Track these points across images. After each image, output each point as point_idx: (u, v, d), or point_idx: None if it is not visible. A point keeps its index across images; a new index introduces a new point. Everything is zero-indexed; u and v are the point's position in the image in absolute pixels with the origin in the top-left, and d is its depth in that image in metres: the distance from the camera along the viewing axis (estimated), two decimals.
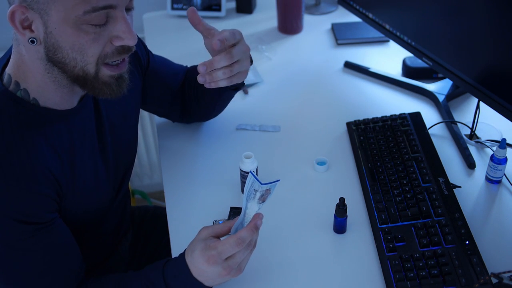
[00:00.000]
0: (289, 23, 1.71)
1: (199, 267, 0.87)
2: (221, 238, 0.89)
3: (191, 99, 1.24)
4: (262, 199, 0.86)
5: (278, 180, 0.85)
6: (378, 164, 1.16)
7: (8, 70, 0.89)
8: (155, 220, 1.40)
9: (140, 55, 1.14)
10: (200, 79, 1.01)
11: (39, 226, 0.87)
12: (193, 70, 1.25)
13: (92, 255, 1.08)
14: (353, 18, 1.64)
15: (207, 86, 1.02)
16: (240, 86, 1.17)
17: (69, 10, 0.79)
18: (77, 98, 0.95)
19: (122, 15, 0.84)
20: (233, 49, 1.00)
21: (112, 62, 0.88)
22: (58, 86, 0.89)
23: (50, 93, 0.90)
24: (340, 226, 1.05)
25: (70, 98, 0.93)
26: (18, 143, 0.85)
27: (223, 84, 1.02)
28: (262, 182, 0.84)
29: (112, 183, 1.07)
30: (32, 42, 0.83)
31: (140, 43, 1.16)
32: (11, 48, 0.95)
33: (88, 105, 0.98)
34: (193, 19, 1.02)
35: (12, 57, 0.89)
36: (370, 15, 1.48)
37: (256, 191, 0.85)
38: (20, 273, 0.89)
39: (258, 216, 0.87)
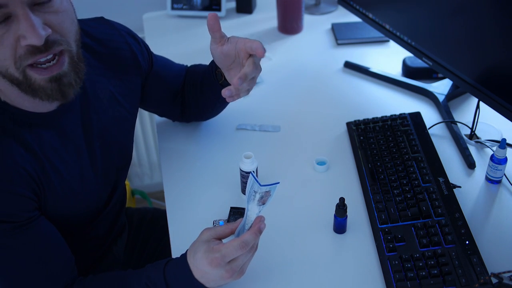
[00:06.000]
0: (289, 23, 1.71)
1: (201, 269, 0.87)
2: (223, 240, 0.89)
3: (191, 99, 1.24)
4: (262, 201, 0.86)
5: (278, 183, 0.85)
6: (378, 164, 1.16)
7: None
8: (154, 222, 1.39)
9: (140, 58, 1.13)
10: (227, 93, 1.00)
11: (17, 224, 0.86)
12: (194, 70, 1.25)
13: (85, 256, 1.07)
14: (353, 18, 1.64)
15: (229, 100, 1.03)
16: None
17: None
18: (52, 101, 0.92)
19: (23, 12, 0.77)
20: (256, 59, 1.01)
21: (39, 65, 0.82)
22: (19, 91, 0.86)
23: (17, 97, 0.88)
24: (340, 226, 1.05)
25: (42, 102, 0.89)
26: None
27: (243, 95, 1.04)
28: (262, 184, 0.84)
29: (102, 187, 1.06)
30: None
31: (143, 46, 1.15)
32: None
33: (73, 109, 0.97)
34: (214, 26, 1.01)
35: None
36: (370, 15, 1.48)
37: (256, 192, 0.85)
38: (3, 271, 0.89)
39: (260, 219, 0.87)
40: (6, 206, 0.85)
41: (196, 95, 1.22)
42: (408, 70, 1.48)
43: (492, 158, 1.11)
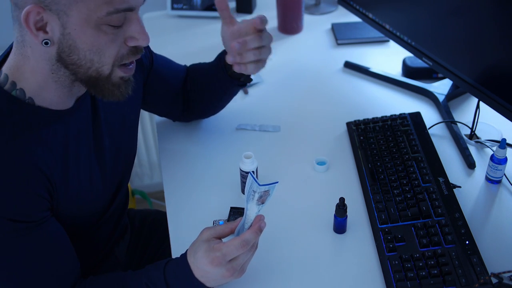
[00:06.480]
0: (289, 23, 1.71)
1: (202, 268, 0.87)
2: (223, 239, 0.89)
3: (195, 96, 1.24)
4: (261, 200, 0.86)
5: (277, 182, 0.86)
6: (378, 164, 1.16)
7: (5, 70, 0.88)
8: (155, 224, 1.39)
9: (143, 57, 1.14)
10: (229, 59, 1.03)
11: (31, 224, 0.87)
12: (195, 67, 1.25)
13: (87, 258, 1.07)
14: (353, 18, 1.64)
15: (236, 69, 1.05)
16: (247, 81, 1.18)
17: (92, 11, 0.81)
18: (73, 99, 0.95)
19: (137, 16, 0.87)
20: (262, 33, 1.04)
21: (126, 64, 0.90)
22: (59, 86, 0.89)
23: (49, 92, 0.89)
24: (340, 226, 1.05)
25: (67, 99, 0.93)
26: (9, 142, 0.85)
27: (251, 69, 1.06)
28: (261, 183, 0.84)
29: (109, 186, 1.06)
30: (46, 44, 0.83)
31: None
32: (8, 47, 0.94)
33: (85, 107, 0.98)
34: (221, 4, 1.05)
35: (12, 58, 0.89)
36: (370, 15, 1.48)
37: (254, 192, 0.85)
38: (12, 271, 0.89)
39: (260, 218, 0.88)
40: (21, 205, 0.85)
41: (201, 91, 1.22)
42: (408, 70, 1.48)
43: (492, 158, 1.11)
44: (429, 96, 1.40)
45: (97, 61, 0.86)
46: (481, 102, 1.20)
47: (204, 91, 1.22)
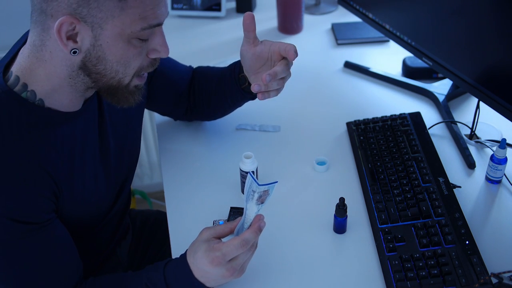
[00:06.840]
0: (289, 23, 1.71)
1: (202, 268, 0.87)
2: (223, 239, 0.89)
3: (202, 100, 1.23)
4: (261, 200, 0.86)
5: (276, 182, 0.86)
6: (378, 164, 1.16)
7: (16, 71, 0.88)
8: (156, 225, 1.39)
9: None
10: (256, 88, 1.02)
11: (35, 226, 0.87)
12: (204, 72, 1.24)
13: (90, 258, 1.07)
14: (353, 18, 1.64)
15: (260, 97, 1.05)
16: None
17: (127, 26, 0.83)
18: (83, 101, 0.95)
19: (161, 30, 0.90)
20: (289, 62, 1.04)
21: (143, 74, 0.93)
22: (73, 91, 0.90)
23: (61, 95, 0.90)
24: (340, 226, 1.05)
25: (77, 101, 0.93)
26: (16, 143, 0.85)
27: (273, 95, 1.06)
28: (260, 183, 0.84)
29: (112, 187, 1.06)
30: (74, 53, 0.84)
31: None
32: (12, 47, 0.94)
33: (92, 108, 0.98)
34: (250, 26, 1.04)
35: (24, 59, 0.88)
36: (370, 15, 1.48)
37: (254, 192, 0.85)
38: (15, 272, 0.89)
39: (259, 218, 0.88)
40: (27, 207, 0.85)
41: (210, 96, 1.21)
42: (408, 70, 1.48)
43: (492, 158, 1.11)
44: (429, 96, 1.40)
45: (121, 72, 0.88)
46: (481, 102, 1.20)
47: (212, 97, 1.21)
